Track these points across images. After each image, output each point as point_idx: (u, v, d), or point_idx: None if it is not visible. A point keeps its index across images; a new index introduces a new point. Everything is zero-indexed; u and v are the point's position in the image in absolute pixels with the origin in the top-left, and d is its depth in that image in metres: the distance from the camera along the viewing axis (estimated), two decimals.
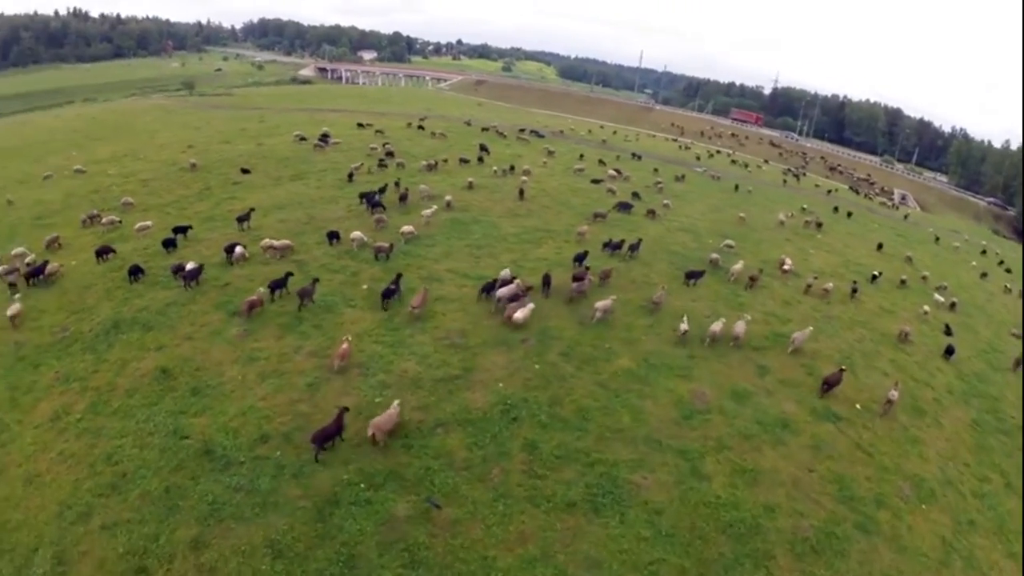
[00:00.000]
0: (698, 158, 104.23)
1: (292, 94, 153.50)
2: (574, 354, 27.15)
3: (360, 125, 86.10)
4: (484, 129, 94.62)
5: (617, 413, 23.57)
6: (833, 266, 48.62)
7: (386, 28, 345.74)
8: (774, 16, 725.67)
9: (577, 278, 33.28)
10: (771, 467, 22.03)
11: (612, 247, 40.45)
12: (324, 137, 73.56)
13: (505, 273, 33.32)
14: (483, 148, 73.70)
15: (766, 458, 22.42)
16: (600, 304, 30.32)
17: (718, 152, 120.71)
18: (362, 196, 46.63)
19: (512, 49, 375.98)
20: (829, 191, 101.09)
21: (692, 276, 37.04)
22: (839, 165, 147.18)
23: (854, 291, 40.95)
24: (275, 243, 35.85)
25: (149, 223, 40.45)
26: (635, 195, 59.18)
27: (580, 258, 37.25)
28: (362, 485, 18.98)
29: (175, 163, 60.53)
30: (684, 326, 29.66)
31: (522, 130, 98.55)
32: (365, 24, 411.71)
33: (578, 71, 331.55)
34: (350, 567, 16.64)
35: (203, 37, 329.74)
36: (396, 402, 21.72)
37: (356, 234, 37.24)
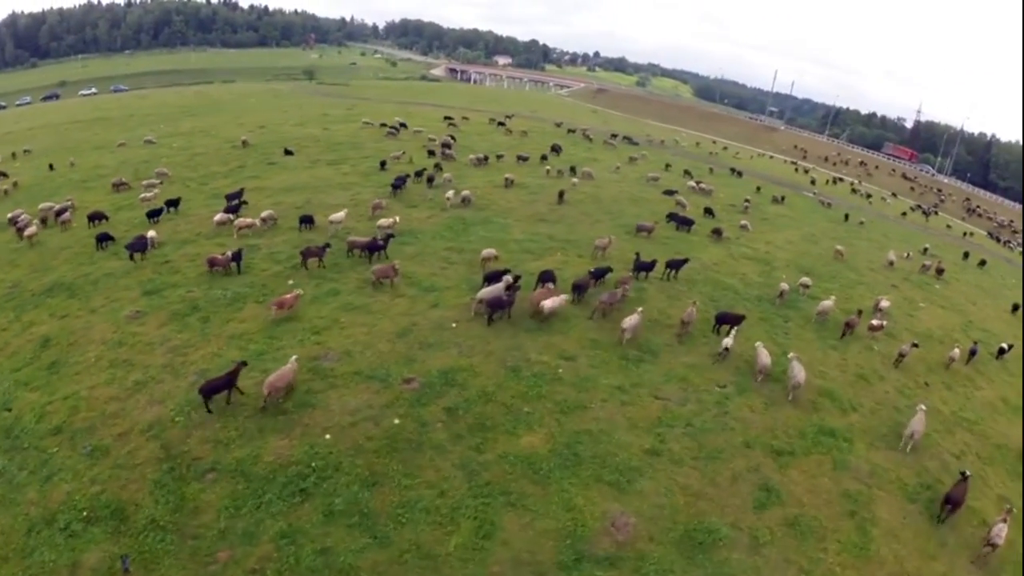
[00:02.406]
0: (813, 182, 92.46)
1: (408, 89, 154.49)
2: (467, 414, 19.45)
3: (447, 119, 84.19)
4: (571, 131, 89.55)
5: (452, 526, 15.90)
6: (947, 328, 35.21)
7: (526, 37, 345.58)
8: (924, 47, 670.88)
9: (578, 287, 27.35)
10: None
11: (641, 267, 31.81)
12: (399, 126, 72.58)
13: (488, 252, 30.70)
14: (555, 148, 68.75)
15: None
16: (627, 323, 24.33)
17: (840, 180, 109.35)
18: (396, 179, 44.45)
19: (649, 65, 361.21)
20: (965, 234, 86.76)
21: (725, 321, 26.91)
22: (979, 207, 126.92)
23: (972, 353, 30.40)
24: (249, 221, 33.65)
25: (151, 194, 39.88)
26: (707, 211, 49.69)
27: (598, 275, 29.59)
28: (84, 512, 15.52)
29: (233, 141, 60.77)
30: (729, 340, 24.49)
31: (613, 136, 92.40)
32: (506, 31, 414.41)
33: (715, 92, 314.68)
34: None
35: (345, 33, 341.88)
36: (294, 357, 20.20)
37: (336, 216, 34.05)
